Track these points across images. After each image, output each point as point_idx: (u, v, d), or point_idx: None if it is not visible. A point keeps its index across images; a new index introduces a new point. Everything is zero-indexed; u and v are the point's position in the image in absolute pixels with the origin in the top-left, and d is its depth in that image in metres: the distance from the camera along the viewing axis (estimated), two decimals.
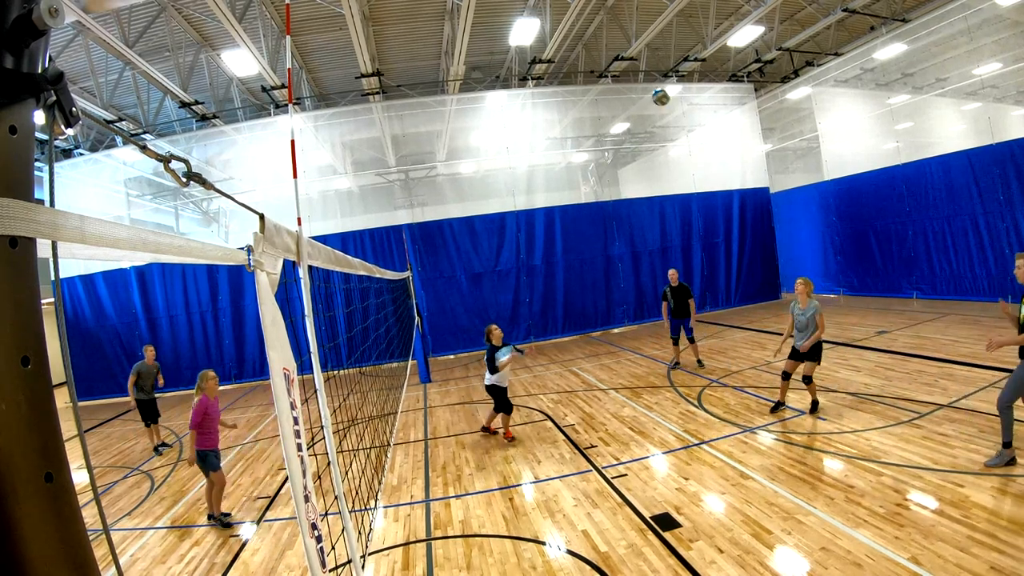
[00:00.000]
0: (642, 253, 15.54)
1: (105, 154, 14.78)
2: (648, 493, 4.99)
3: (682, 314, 9.39)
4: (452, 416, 8.57)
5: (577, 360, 11.76)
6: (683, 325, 9.49)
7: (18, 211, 0.79)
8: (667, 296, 9.49)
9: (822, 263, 16.56)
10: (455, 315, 14.47)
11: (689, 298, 9.36)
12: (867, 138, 15.15)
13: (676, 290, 9.40)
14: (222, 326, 14.24)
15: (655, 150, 18.57)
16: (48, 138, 1.01)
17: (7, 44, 0.79)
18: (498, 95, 14.85)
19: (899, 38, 13.47)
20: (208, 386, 5.43)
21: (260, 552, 4.81)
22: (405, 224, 14.58)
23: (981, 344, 8.45)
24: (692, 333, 9.50)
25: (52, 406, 0.84)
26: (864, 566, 3.47)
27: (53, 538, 0.79)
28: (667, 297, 9.49)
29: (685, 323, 9.46)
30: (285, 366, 1.89)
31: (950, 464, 4.70)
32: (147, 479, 7.29)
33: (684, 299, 9.35)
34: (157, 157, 1.38)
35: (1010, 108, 16.06)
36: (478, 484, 5.74)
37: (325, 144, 15.09)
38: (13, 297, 0.79)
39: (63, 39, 11.01)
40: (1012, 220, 11.14)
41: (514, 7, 12.57)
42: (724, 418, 6.77)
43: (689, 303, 9.33)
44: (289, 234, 2.21)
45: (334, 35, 12.69)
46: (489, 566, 4.12)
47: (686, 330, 9.48)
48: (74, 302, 14.20)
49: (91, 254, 1.13)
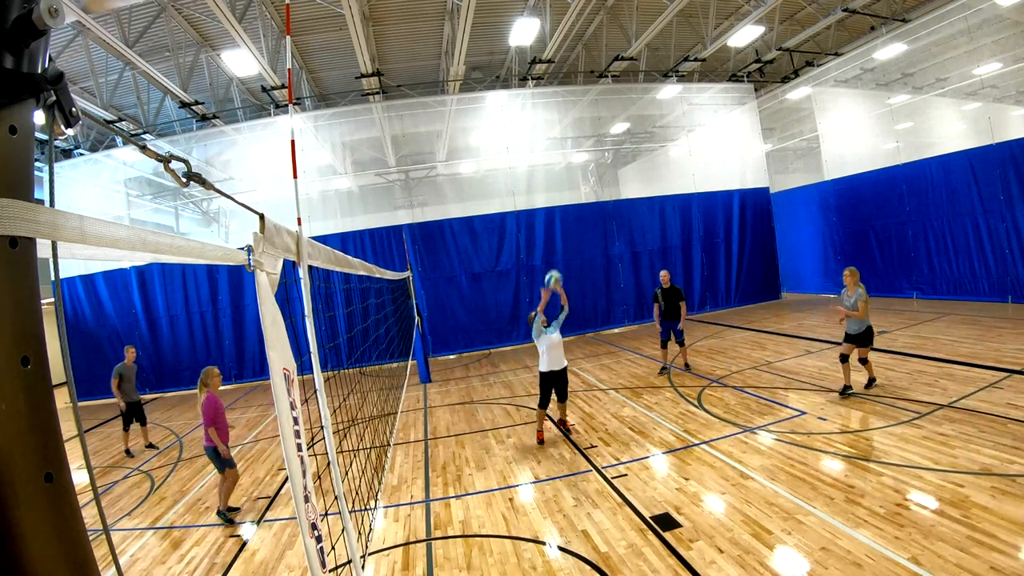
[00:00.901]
0: (642, 253, 15.54)
1: (105, 154, 14.79)
2: (648, 493, 4.99)
3: (673, 317, 9.09)
4: (452, 416, 8.57)
5: (577, 360, 11.76)
6: (673, 328, 9.17)
7: (18, 211, 0.79)
8: (658, 298, 9.22)
9: (822, 263, 16.55)
10: (455, 315, 14.48)
11: (681, 300, 9.07)
12: (867, 138, 15.16)
13: (668, 292, 9.12)
14: (222, 326, 14.24)
15: (655, 150, 18.58)
16: (48, 138, 1.01)
17: (7, 44, 0.79)
18: (498, 95, 14.85)
19: (899, 38, 13.47)
20: (213, 383, 5.52)
21: (260, 552, 4.81)
22: (405, 224, 14.59)
23: (981, 344, 8.46)
24: (682, 336, 9.21)
25: (52, 406, 0.84)
26: (864, 566, 3.47)
27: (53, 538, 0.79)
28: (658, 299, 9.22)
29: (674, 326, 9.14)
30: (285, 366, 1.89)
31: (950, 464, 4.70)
32: (147, 479, 7.29)
33: (676, 301, 9.05)
34: (157, 157, 1.38)
35: (1010, 108, 16.08)
36: (478, 484, 5.74)
37: (325, 144, 15.09)
38: (13, 297, 0.79)
39: (63, 39, 11.02)
40: (1012, 220, 11.15)
41: (514, 7, 12.58)
42: (724, 418, 6.77)
43: (681, 306, 9.04)
44: (289, 234, 2.21)
45: (334, 35, 12.69)
46: (489, 566, 4.12)
47: (676, 333, 9.16)
48: (74, 302, 14.20)
49: (91, 254, 1.13)
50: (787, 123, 18.91)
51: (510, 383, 10.25)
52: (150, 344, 14.20)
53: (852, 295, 6.93)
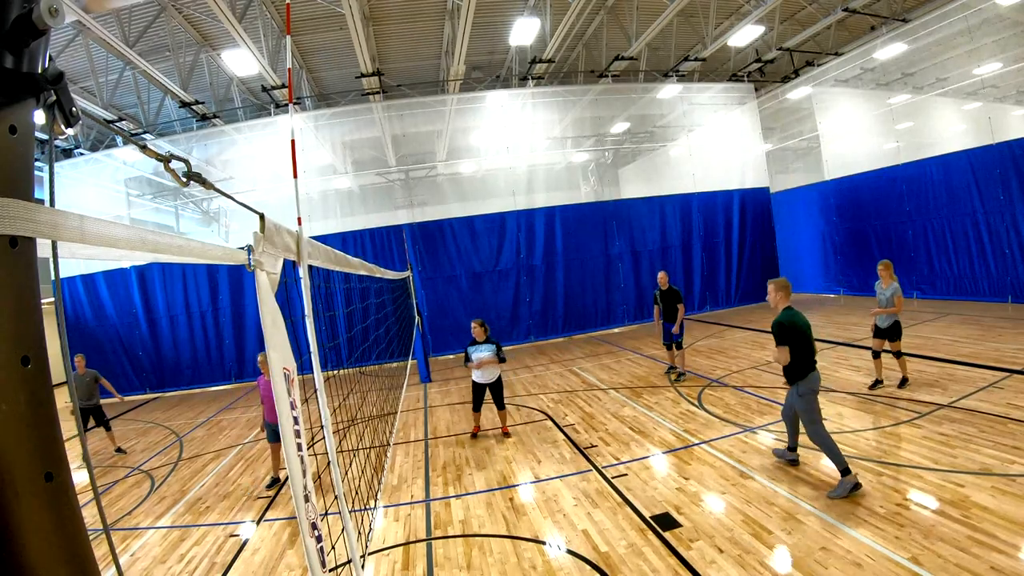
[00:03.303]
0: (642, 253, 15.54)
1: (105, 154, 14.78)
2: (648, 493, 4.99)
3: (670, 319, 8.95)
4: (452, 416, 8.57)
5: (577, 360, 11.77)
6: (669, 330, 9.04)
7: (18, 211, 0.79)
8: (657, 300, 9.16)
9: (822, 263, 16.55)
10: (455, 315, 14.47)
11: (678, 303, 8.85)
12: (867, 138, 15.15)
13: (665, 294, 9.00)
14: (222, 326, 14.24)
15: (655, 150, 18.58)
16: (48, 138, 1.01)
17: (7, 44, 0.79)
18: (498, 95, 14.85)
19: (899, 38, 13.46)
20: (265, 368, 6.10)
21: (260, 552, 4.81)
22: (405, 224, 14.58)
23: (981, 344, 8.46)
24: (679, 338, 9.05)
25: (52, 406, 0.84)
26: (864, 566, 3.47)
27: (53, 537, 0.79)
28: (657, 301, 9.16)
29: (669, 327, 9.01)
30: (285, 366, 1.89)
31: (950, 464, 4.70)
32: (147, 479, 7.29)
33: (673, 304, 8.89)
34: (157, 157, 1.38)
35: (1010, 108, 16.08)
36: (478, 484, 5.74)
37: (325, 144, 15.09)
38: (13, 297, 0.79)
39: (63, 39, 11.01)
40: (1012, 220, 11.14)
41: (514, 7, 12.57)
42: (724, 418, 6.77)
43: (678, 308, 8.81)
44: (289, 234, 2.21)
45: (334, 35, 12.69)
46: (489, 566, 4.12)
47: (673, 335, 9.00)
48: (74, 302, 14.20)
49: (91, 254, 1.13)
50: (787, 123, 18.90)
51: (510, 383, 10.25)
52: (150, 344, 14.20)
53: (887, 288, 6.93)
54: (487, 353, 7.02)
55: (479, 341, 7.14)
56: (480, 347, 7.09)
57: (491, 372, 7.09)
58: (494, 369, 7.10)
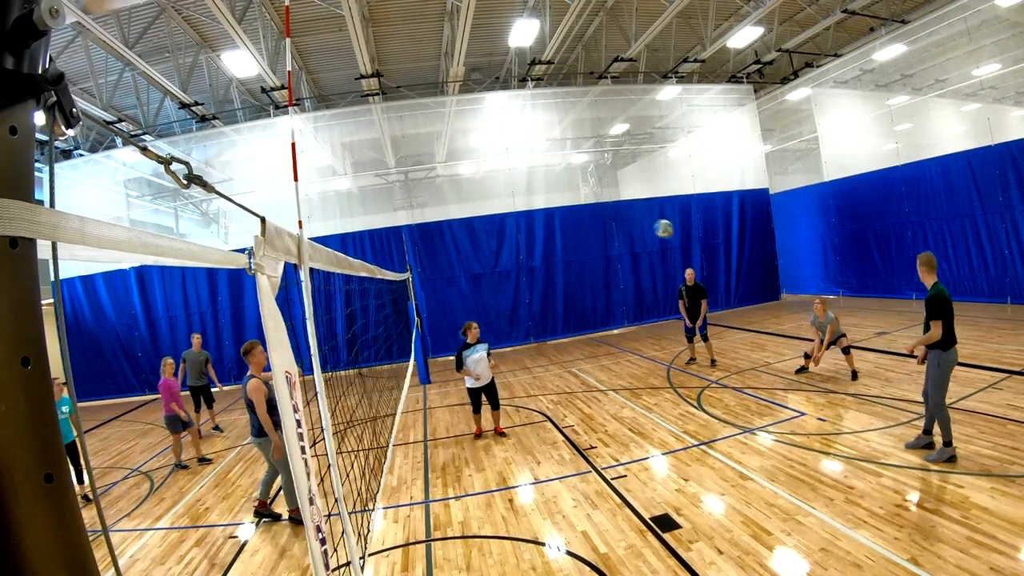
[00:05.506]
0: (641, 254, 15.54)
1: (105, 155, 14.78)
2: (648, 494, 4.99)
3: (695, 314, 9.58)
4: (452, 417, 8.56)
5: (576, 361, 11.76)
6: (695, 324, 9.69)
7: (18, 212, 0.79)
8: (682, 294, 9.73)
9: (821, 264, 16.56)
10: (455, 316, 14.44)
11: (703, 299, 9.53)
12: (867, 139, 15.17)
13: (691, 289, 9.62)
14: (221, 326, 14.23)
15: (655, 151, 18.59)
16: (48, 139, 1.01)
17: (7, 45, 0.79)
18: (498, 96, 14.86)
19: (898, 39, 13.49)
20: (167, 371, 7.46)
21: (260, 552, 4.81)
22: (405, 225, 14.58)
23: (980, 345, 8.46)
24: (704, 331, 9.65)
25: (52, 407, 0.84)
26: (864, 567, 3.47)
27: (53, 538, 0.79)
28: (682, 295, 9.72)
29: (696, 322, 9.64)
30: (287, 368, 1.89)
31: (950, 465, 4.70)
32: (147, 480, 7.28)
33: (697, 299, 9.53)
34: (158, 159, 1.38)
35: (1009, 109, 16.11)
36: (478, 485, 5.74)
37: (325, 145, 15.09)
38: (13, 298, 0.79)
39: (63, 40, 11.02)
40: (1011, 221, 11.15)
41: (514, 8, 12.59)
42: (724, 419, 6.77)
43: (701, 304, 9.50)
44: (290, 237, 2.21)
45: (334, 36, 12.69)
46: (489, 567, 4.12)
47: (699, 329, 9.64)
48: (74, 303, 14.18)
49: (91, 255, 1.13)
50: (786, 124, 18.93)
51: (509, 384, 10.25)
52: (149, 345, 14.17)
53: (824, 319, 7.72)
54: (484, 353, 7.03)
55: (472, 343, 7.12)
56: (476, 348, 7.08)
57: (486, 375, 7.09)
58: (488, 371, 7.10)
